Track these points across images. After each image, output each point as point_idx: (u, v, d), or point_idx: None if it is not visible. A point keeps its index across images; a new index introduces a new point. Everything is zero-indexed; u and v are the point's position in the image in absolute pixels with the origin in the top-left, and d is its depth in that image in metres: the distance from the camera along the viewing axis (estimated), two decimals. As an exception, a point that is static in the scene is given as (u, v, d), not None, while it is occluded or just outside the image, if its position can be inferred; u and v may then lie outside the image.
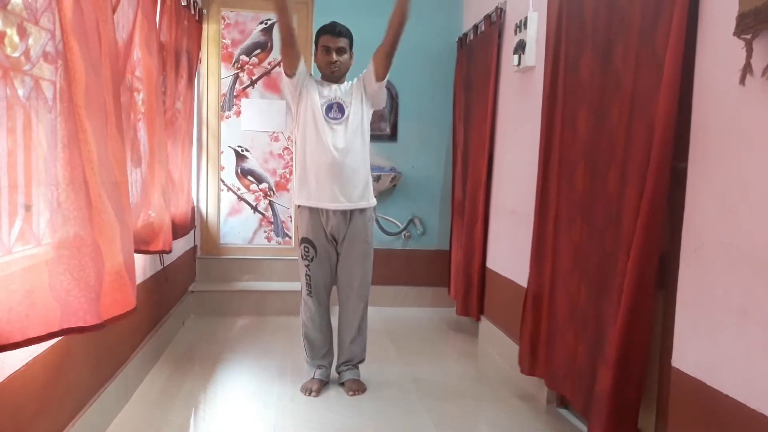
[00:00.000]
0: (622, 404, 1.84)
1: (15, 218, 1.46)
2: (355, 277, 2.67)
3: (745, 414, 1.40)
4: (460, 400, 2.67)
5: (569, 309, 2.26)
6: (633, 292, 1.78)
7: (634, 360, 1.81)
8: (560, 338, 2.31)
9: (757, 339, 1.38)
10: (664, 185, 1.70)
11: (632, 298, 1.78)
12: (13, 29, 1.48)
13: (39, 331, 1.42)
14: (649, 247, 1.74)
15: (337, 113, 2.58)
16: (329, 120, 2.57)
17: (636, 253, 1.76)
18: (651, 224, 1.73)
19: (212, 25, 4.14)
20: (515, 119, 3.09)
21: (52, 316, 1.46)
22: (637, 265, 1.76)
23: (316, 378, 2.70)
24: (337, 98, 2.59)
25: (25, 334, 1.37)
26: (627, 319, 1.79)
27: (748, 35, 1.38)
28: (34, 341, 1.41)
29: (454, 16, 4.22)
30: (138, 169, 2.44)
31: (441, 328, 3.86)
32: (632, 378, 1.82)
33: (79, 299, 1.52)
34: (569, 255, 2.27)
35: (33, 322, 1.40)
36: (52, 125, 1.51)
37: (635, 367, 1.82)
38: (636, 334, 1.80)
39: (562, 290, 2.32)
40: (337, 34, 2.57)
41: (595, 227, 2.10)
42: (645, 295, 1.77)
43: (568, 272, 2.27)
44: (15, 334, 1.34)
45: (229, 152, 4.24)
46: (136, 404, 2.46)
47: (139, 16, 2.33)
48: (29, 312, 1.38)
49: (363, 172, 2.62)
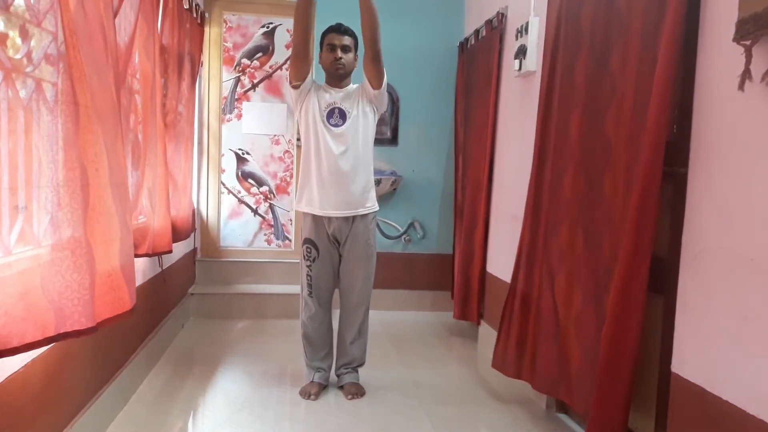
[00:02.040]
0: (611, 407, 1.83)
1: (15, 220, 1.46)
2: (357, 279, 2.67)
3: (745, 420, 1.39)
4: (460, 405, 2.66)
5: (558, 313, 2.27)
6: (621, 295, 1.78)
7: (623, 363, 1.81)
8: (546, 342, 2.31)
9: (757, 345, 1.38)
10: (654, 189, 1.70)
11: (621, 302, 1.78)
12: (15, 31, 1.49)
13: (36, 335, 1.41)
14: (639, 251, 1.74)
15: (338, 119, 2.56)
16: (330, 126, 2.56)
17: (625, 257, 1.77)
18: (640, 227, 1.73)
19: (214, 28, 4.16)
20: (516, 124, 3.09)
21: (48, 320, 1.45)
22: (627, 269, 1.77)
23: (315, 381, 2.69)
24: (339, 104, 2.58)
25: (23, 338, 1.36)
26: (615, 323, 1.80)
27: (748, 41, 1.38)
28: (33, 346, 1.40)
29: (455, 20, 4.23)
30: (136, 172, 2.44)
31: (441, 332, 3.86)
32: (620, 382, 1.82)
33: (73, 302, 1.52)
34: (558, 259, 2.28)
35: (30, 327, 1.39)
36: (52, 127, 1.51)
37: (624, 371, 1.81)
38: (625, 337, 1.80)
39: (548, 294, 2.32)
40: (342, 33, 2.57)
41: (589, 232, 2.10)
42: (635, 298, 1.77)
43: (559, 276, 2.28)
44: (12, 338, 1.33)
45: (230, 155, 4.24)
46: (135, 406, 2.45)
47: (140, 19, 2.34)
48: (25, 316, 1.37)
49: (365, 177, 2.61)
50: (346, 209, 2.58)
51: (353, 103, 2.60)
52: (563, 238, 2.25)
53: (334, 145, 2.54)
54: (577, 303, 2.16)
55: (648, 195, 1.70)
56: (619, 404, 1.83)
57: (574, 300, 2.18)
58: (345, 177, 2.55)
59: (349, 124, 2.56)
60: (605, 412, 1.85)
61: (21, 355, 1.51)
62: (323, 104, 2.58)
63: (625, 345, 1.80)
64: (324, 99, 2.59)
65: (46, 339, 1.45)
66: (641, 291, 1.77)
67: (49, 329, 1.46)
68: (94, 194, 1.60)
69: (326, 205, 2.57)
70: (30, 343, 1.39)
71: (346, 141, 2.55)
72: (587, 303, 2.10)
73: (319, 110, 2.56)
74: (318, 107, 2.57)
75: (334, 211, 2.57)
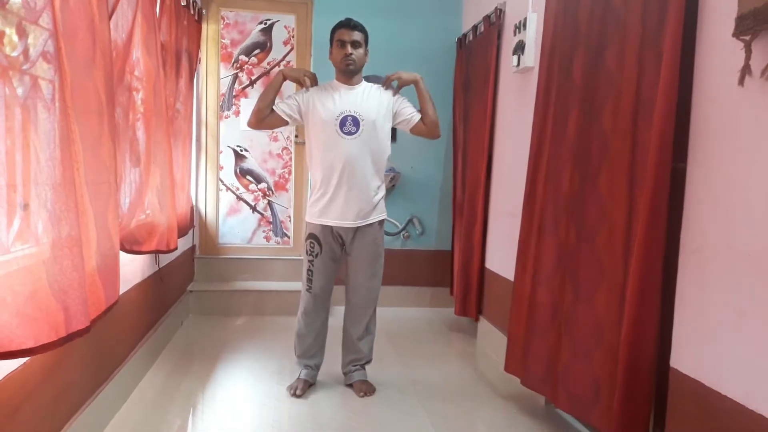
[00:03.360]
0: (632, 411, 1.80)
1: (13, 217, 1.46)
2: (365, 277, 2.64)
3: (744, 415, 1.40)
4: (459, 401, 2.67)
5: (552, 309, 2.27)
6: (638, 297, 1.76)
7: (641, 366, 1.78)
8: (541, 338, 2.31)
9: (755, 340, 1.38)
10: (664, 187, 1.70)
11: (637, 304, 1.76)
12: (12, 29, 1.48)
13: (51, 336, 1.37)
14: (652, 252, 1.73)
15: (351, 126, 2.49)
16: (343, 135, 2.49)
17: (639, 259, 1.74)
18: (652, 228, 1.71)
19: (211, 25, 4.14)
20: (514, 120, 3.09)
21: (59, 320, 1.43)
22: (641, 270, 1.74)
23: (301, 378, 2.67)
24: (352, 110, 2.51)
25: (38, 339, 1.33)
26: (633, 326, 1.77)
27: (747, 36, 1.38)
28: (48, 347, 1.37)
29: (453, 16, 4.22)
30: (136, 169, 2.44)
31: (440, 328, 3.86)
32: (641, 386, 1.79)
33: (76, 300, 1.51)
34: (554, 255, 2.28)
35: (43, 327, 1.35)
36: (49, 125, 1.51)
37: (643, 374, 1.78)
38: (642, 340, 1.77)
39: (545, 290, 2.32)
40: (352, 28, 2.52)
41: (584, 228, 2.10)
42: (650, 300, 1.75)
43: (553, 273, 2.28)
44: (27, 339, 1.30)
45: (228, 152, 4.23)
46: (134, 404, 2.45)
47: (138, 16, 2.33)
48: (37, 315, 1.35)
49: (377, 185, 2.57)
50: (356, 221, 2.55)
51: (369, 108, 2.53)
52: (562, 234, 2.25)
53: (347, 154, 2.48)
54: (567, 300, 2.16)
55: (658, 195, 1.69)
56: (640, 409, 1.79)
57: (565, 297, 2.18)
58: (359, 186, 2.51)
59: (362, 131, 2.50)
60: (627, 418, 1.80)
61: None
62: (335, 111, 2.50)
63: (643, 348, 1.77)
64: (334, 103, 2.52)
65: (61, 339, 1.42)
66: (656, 291, 1.74)
67: (62, 329, 1.43)
68: (78, 192, 1.58)
69: (335, 216, 2.53)
70: (46, 344, 1.36)
71: (360, 148, 2.50)
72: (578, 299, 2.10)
73: (332, 118, 2.50)
74: (329, 115, 2.50)
75: (343, 222, 2.53)
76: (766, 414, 1.34)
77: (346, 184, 2.50)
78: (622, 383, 1.80)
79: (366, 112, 2.52)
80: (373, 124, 2.52)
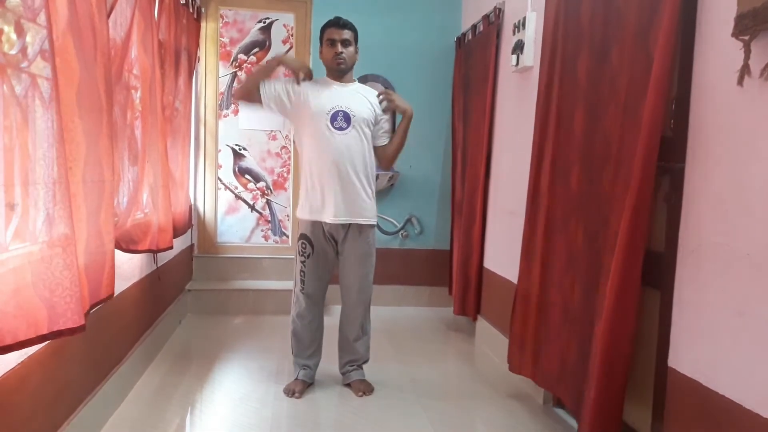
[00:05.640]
0: (606, 401, 1.84)
1: (11, 216, 1.46)
2: (356, 277, 2.64)
3: (741, 414, 1.40)
4: (457, 400, 2.67)
5: (562, 309, 2.27)
6: (617, 289, 1.78)
7: (617, 358, 1.81)
8: (553, 338, 2.31)
9: (753, 340, 1.39)
10: (648, 183, 1.71)
11: (616, 296, 1.79)
12: (10, 27, 1.47)
13: (29, 333, 1.40)
14: (633, 245, 1.75)
15: (342, 122, 2.49)
16: (334, 130, 2.49)
17: (620, 251, 1.77)
18: (635, 222, 1.73)
19: (210, 23, 4.14)
20: (513, 119, 3.09)
21: (40, 318, 1.45)
22: (622, 263, 1.77)
23: (299, 379, 2.66)
24: (343, 106, 2.51)
25: (16, 336, 1.35)
26: (611, 317, 1.80)
27: (746, 36, 1.38)
28: (26, 344, 1.39)
29: (452, 15, 4.22)
30: (134, 168, 2.43)
31: (438, 327, 3.86)
32: (616, 376, 1.82)
33: (65, 299, 1.51)
34: (563, 255, 2.28)
35: (21, 324, 1.38)
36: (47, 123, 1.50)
37: (618, 365, 1.82)
38: (620, 331, 1.80)
39: (555, 290, 2.32)
40: (341, 27, 2.52)
41: (589, 227, 2.10)
42: (629, 292, 1.78)
43: (562, 272, 2.28)
44: (5, 336, 1.32)
45: (227, 151, 4.23)
46: (133, 402, 2.45)
47: (137, 14, 2.32)
48: (16, 313, 1.37)
49: (365, 184, 2.56)
50: (345, 217, 2.53)
51: (361, 106, 2.54)
52: (567, 234, 2.25)
53: (337, 150, 2.48)
54: (576, 298, 2.16)
55: (642, 191, 1.71)
56: (614, 399, 1.83)
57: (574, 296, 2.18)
58: (348, 182, 2.50)
59: (353, 127, 2.51)
60: (601, 408, 1.85)
61: (18, 352, 1.51)
62: (327, 105, 2.50)
63: (620, 340, 1.80)
64: (327, 96, 2.52)
65: (39, 337, 1.45)
66: (635, 284, 1.77)
67: (42, 327, 1.45)
68: (72, 191, 1.59)
69: (325, 213, 2.53)
70: (23, 341, 1.38)
71: (350, 145, 2.50)
72: (582, 298, 2.11)
73: (323, 112, 2.49)
74: (320, 109, 2.50)
75: (333, 219, 2.52)
76: (764, 413, 1.34)
77: (334, 179, 2.49)
78: (599, 374, 1.83)
79: (358, 109, 2.53)
80: (364, 121, 2.53)
